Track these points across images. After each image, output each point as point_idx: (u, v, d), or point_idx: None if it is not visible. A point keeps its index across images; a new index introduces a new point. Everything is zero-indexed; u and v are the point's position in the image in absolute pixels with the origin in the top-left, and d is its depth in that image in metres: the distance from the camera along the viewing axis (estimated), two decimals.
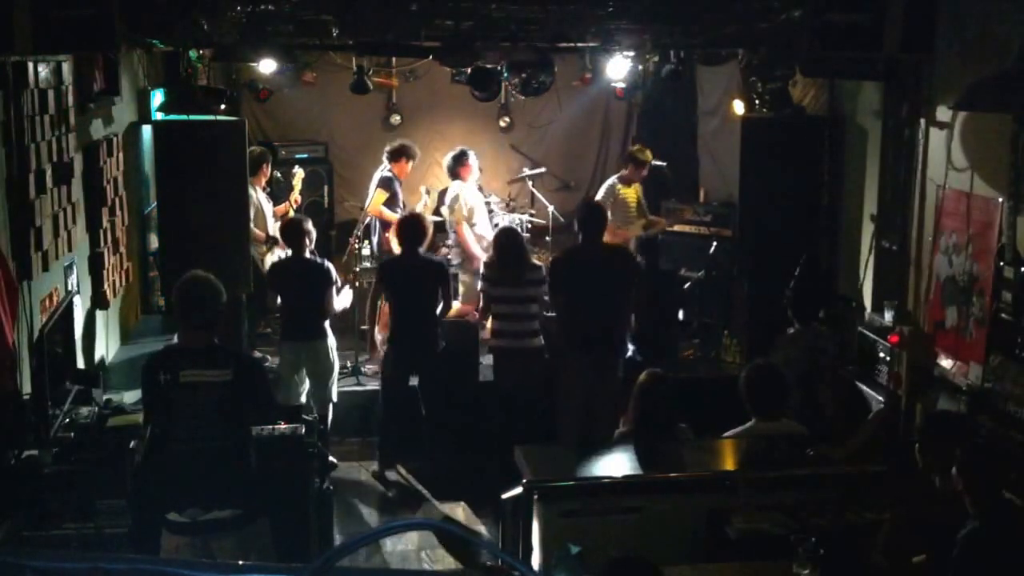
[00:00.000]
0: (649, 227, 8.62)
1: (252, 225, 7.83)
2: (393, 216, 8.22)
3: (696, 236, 8.69)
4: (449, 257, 8.30)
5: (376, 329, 8.59)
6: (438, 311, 6.94)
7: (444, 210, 8.51)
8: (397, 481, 7.08)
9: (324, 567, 1.46)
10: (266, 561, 4.24)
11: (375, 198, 8.39)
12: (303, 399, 6.73)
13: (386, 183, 8.43)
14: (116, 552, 3.39)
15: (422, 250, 7.03)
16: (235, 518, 4.19)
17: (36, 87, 5.13)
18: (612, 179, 8.66)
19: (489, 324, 7.27)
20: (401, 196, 8.56)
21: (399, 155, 8.48)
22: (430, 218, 8.79)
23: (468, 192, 8.35)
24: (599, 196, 8.54)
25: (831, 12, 5.24)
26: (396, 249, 8.33)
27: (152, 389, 4.24)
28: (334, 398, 6.94)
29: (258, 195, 8.02)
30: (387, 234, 8.39)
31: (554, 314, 6.94)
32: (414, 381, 7.06)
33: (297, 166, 8.84)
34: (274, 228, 8.07)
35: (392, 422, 7.05)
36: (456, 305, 7.71)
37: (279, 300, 7.09)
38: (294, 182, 8.50)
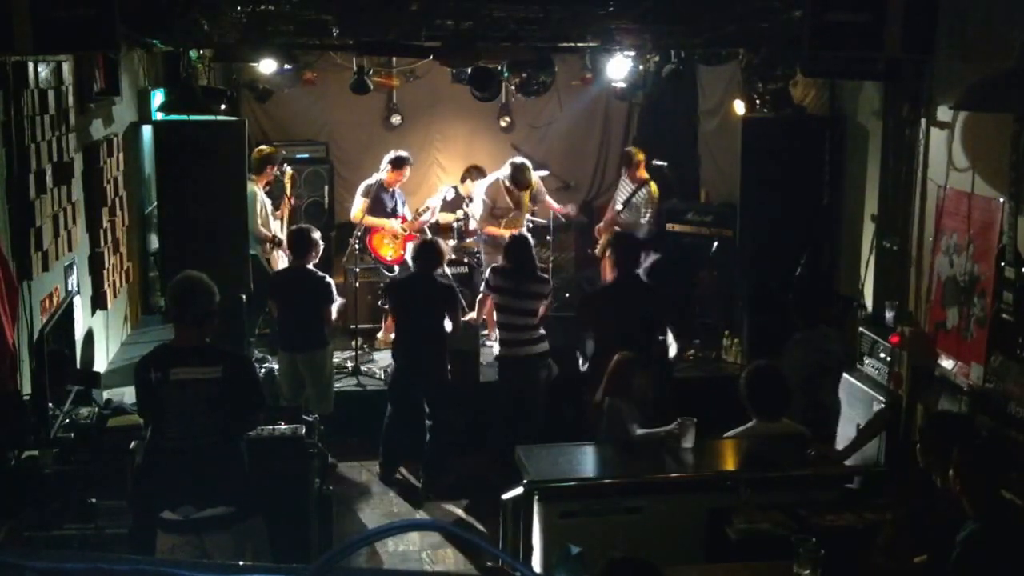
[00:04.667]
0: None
1: (259, 224, 7.86)
2: (376, 222, 8.36)
3: (697, 236, 8.68)
4: None
5: (383, 332, 8.62)
6: (448, 330, 6.88)
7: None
8: (398, 481, 7.08)
9: (325, 567, 1.46)
10: (261, 560, 4.25)
11: (358, 207, 8.46)
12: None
13: (367, 190, 8.47)
14: (116, 552, 3.39)
15: (437, 273, 7.01)
16: (228, 515, 4.19)
17: (36, 87, 5.13)
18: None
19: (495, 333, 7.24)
20: (393, 202, 8.54)
21: (401, 163, 8.50)
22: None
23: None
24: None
25: (831, 12, 5.23)
26: (381, 254, 8.39)
27: (144, 388, 4.25)
28: (331, 409, 6.91)
29: (262, 195, 8.04)
30: (372, 238, 8.42)
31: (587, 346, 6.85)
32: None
33: (285, 163, 8.81)
34: (276, 228, 8.09)
35: (396, 431, 7.03)
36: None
37: (277, 310, 7.06)
38: (285, 180, 8.49)
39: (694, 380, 7.71)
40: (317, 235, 6.93)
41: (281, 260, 8.00)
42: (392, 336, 8.28)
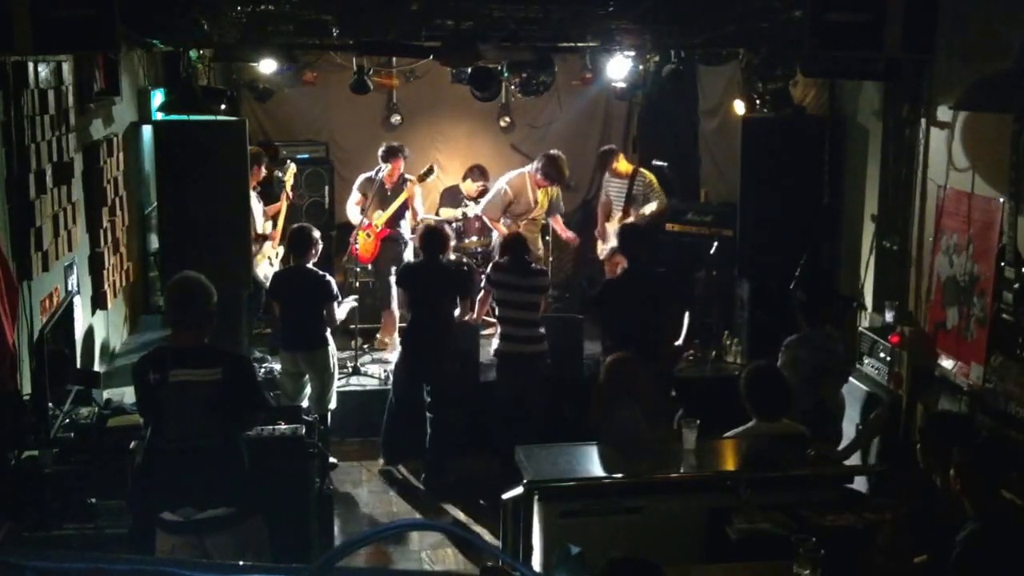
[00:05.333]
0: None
1: None
2: (353, 220, 8.35)
3: (697, 236, 8.68)
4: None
5: (381, 332, 8.62)
6: (456, 314, 6.95)
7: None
8: (398, 481, 7.08)
9: (325, 567, 1.46)
10: (262, 560, 4.25)
11: (351, 201, 8.49)
12: (304, 405, 6.73)
13: (363, 186, 8.47)
14: (116, 552, 3.39)
15: (444, 258, 7.09)
16: (228, 516, 4.19)
17: (36, 87, 5.12)
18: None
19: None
20: (385, 197, 8.53)
21: (389, 155, 8.49)
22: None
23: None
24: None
25: (831, 12, 5.23)
26: (358, 252, 8.41)
27: (142, 389, 4.25)
28: (332, 405, 6.94)
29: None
30: (356, 235, 8.42)
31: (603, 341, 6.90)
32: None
33: (289, 160, 8.81)
34: (263, 227, 8.05)
35: (398, 421, 7.07)
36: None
37: (278, 309, 7.08)
38: (285, 177, 8.48)
39: (694, 380, 7.70)
40: (317, 234, 6.95)
41: (264, 261, 7.97)
42: (392, 336, 8.32)
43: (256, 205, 8.03)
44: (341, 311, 7.02)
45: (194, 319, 4.24)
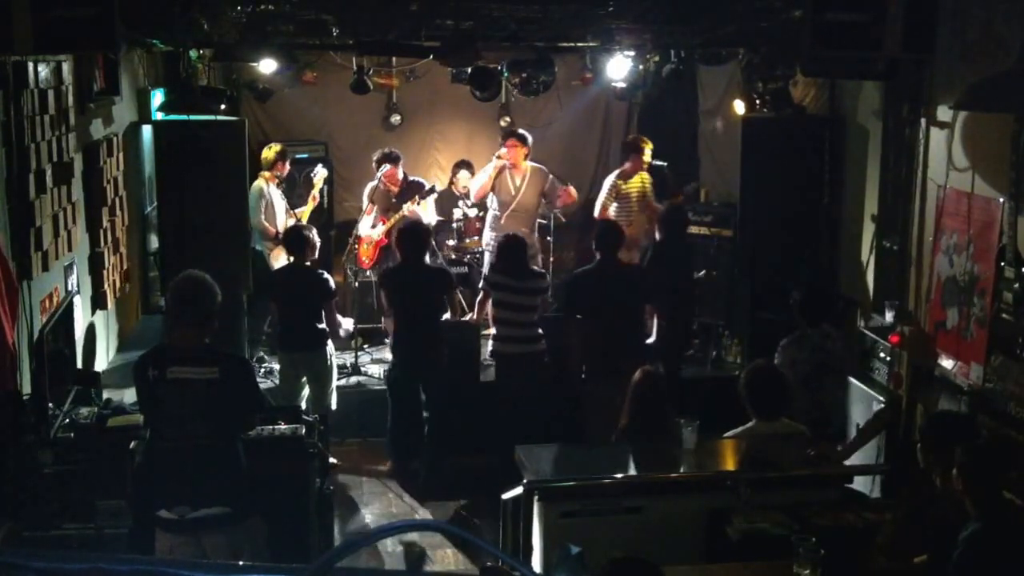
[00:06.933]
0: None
1: (263, 219, 7.89)
2: (362, 231, 8.42)
3: (696, 236, 8.67)
4: None
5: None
6: (443, 317, 6.94)
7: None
8: (397, 480, 7.08)
9: (325, 567, 1.46)
10: (260, 560, 4.25)
11: (363, 213, 8.56)
12: (303, 405, 6.72)
13: (369, 194, 8.52)
14: (116, 552, 3.39)
15: (427, 258, 7.05)
16: (224, 516, 4.19)
17: (36, 87, 5.13)
18: (612, 176, 8.74)
19: (492, 329, 7.26)
20: (380, 203, 8.53)
21: (382, 162, 8.49)
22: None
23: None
24: (601, 196, 8.64)
25: (831, 12, 5.23)
26: (359, 257, 8.45)
27: (142, 386, 4.26)
28: (333, 406, 6.93)
29: (269, 190, 8.09)
30: (361, 242, 8.44)
31: (569, 332, 6.90)
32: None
33: (320, 164, 8.84)
34: (284, 223, 8.10)
35: (401, 424, 7.07)
36: None
37: (277, 309, 7.07)
38: (315, 180, 8.53)
39: (694, 380, 7.71)
40: (312, 232, 6.96)
41: (280, 257, 8.01)
42: None
43: (279, 201, 8.13)
44: (347, 323, 7.03)
45: (197, 318, 4.24)
